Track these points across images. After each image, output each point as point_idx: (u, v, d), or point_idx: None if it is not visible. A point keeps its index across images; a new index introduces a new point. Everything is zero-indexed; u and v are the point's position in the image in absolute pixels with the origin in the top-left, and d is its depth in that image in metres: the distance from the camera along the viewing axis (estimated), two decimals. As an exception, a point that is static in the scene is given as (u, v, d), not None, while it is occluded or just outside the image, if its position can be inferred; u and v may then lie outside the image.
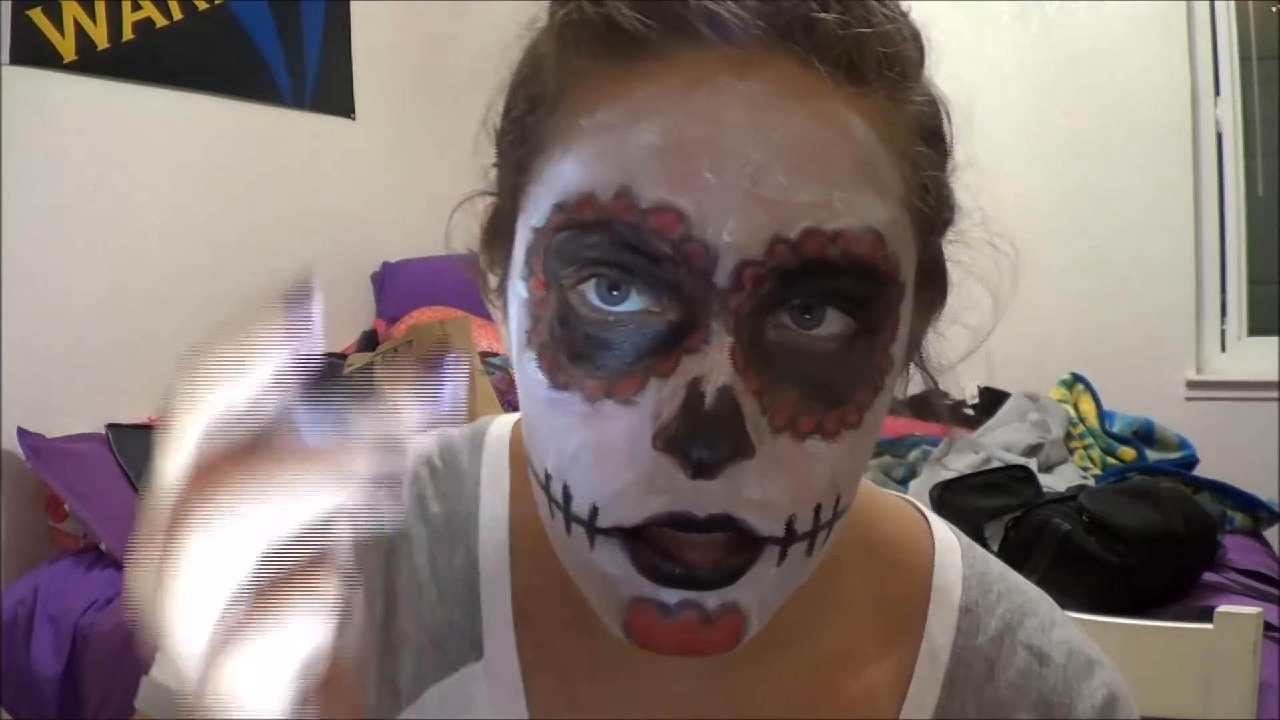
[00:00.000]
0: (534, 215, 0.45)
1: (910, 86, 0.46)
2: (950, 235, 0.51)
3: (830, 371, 0.43)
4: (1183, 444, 2.18)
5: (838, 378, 0.43)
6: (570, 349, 0.44)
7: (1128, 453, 2.17)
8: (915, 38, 0.49)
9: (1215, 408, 2.85)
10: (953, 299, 0.53)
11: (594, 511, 0.44)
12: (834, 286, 0.42)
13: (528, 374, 0.45)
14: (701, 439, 0.40)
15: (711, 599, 0.43)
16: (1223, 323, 2.97)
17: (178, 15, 2.63)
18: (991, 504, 1.72)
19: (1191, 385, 2.93)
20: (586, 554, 0.45)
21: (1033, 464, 2.00)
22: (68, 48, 2.35)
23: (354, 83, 3.26)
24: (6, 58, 2.19)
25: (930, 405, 0.58)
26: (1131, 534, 1.54)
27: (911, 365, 0.53)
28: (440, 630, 0.55)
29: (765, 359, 0.42)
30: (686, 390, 0.41)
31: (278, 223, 2.85)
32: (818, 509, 0.44)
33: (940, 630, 0.56)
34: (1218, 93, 2.93)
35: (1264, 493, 1.98)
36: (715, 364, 0.41)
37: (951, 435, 1.63)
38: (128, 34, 2.50)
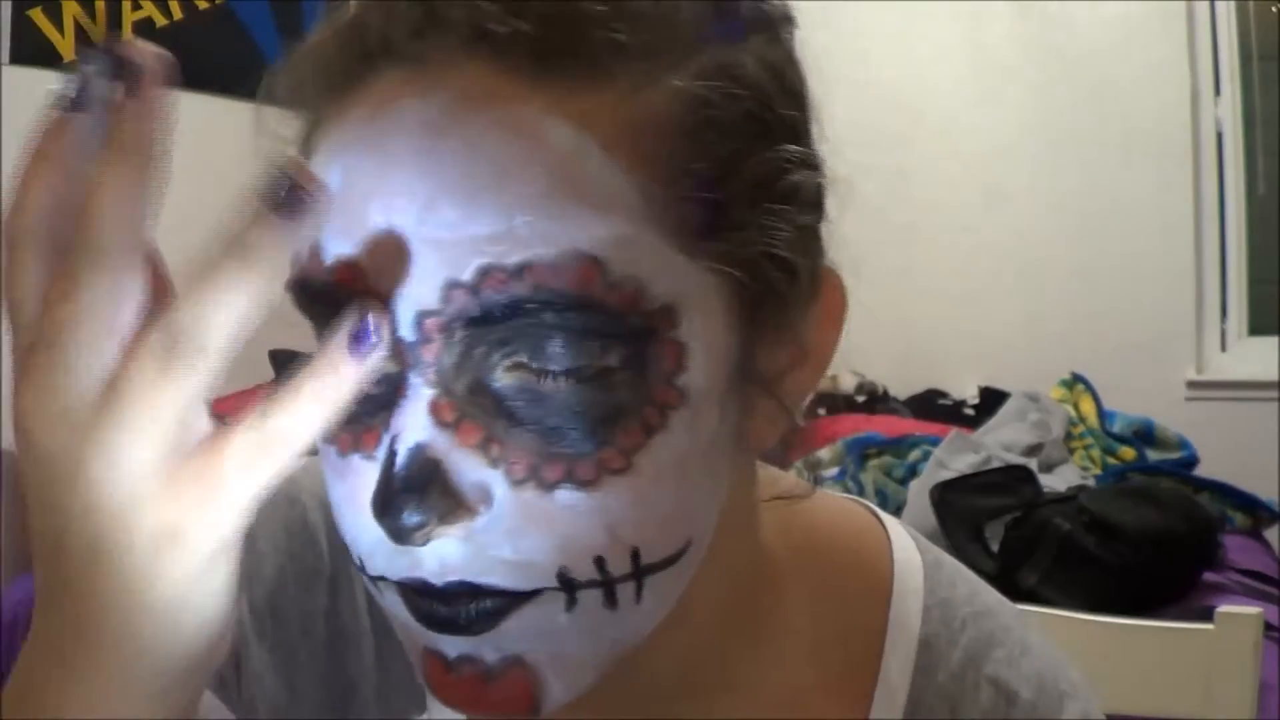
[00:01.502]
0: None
1: (670, 66, 0.39)
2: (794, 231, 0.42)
3: (575, 413, 0.37)
4: (1183, 444, 2.18)
5: (588, 419, 0.38)
6: None
7: (1128, 453, 2.17)
8: (696, 16, 0.40)
9: (1215, 408, 2.85)
10: None
11: (361, 562, 0.41)
12: (540, 323, 0.37)
13: None
14: (391, 503, 0.37)
15: (489, 652, 0.40)
16: (1223, 323, 2.97)
17: (178, 15, 2.63)
18: (991, 504, 1.72)
19: (1191, 385, 2.92)
20: (382, 601, 0.42)
21: (1033, 464, 1.99)
22: (67, 47, 2.35)
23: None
24: (6, 58, 2.19)
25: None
26: (1131, 534, 1.54)
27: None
28: (384, 681, 0.53)
29: (494, 406, 0.38)
30: (384, 454, 0.38)
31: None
32: (599, 561, 0.39)
33: (897, 668, 0.51)
34: (1218, 93, 2.93)
35: (1264, 493, 1.98)
36: (408, 421, 0.38)
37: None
38: (127, 34, 2.50)
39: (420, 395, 0.38)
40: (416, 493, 0.37)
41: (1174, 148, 2.92)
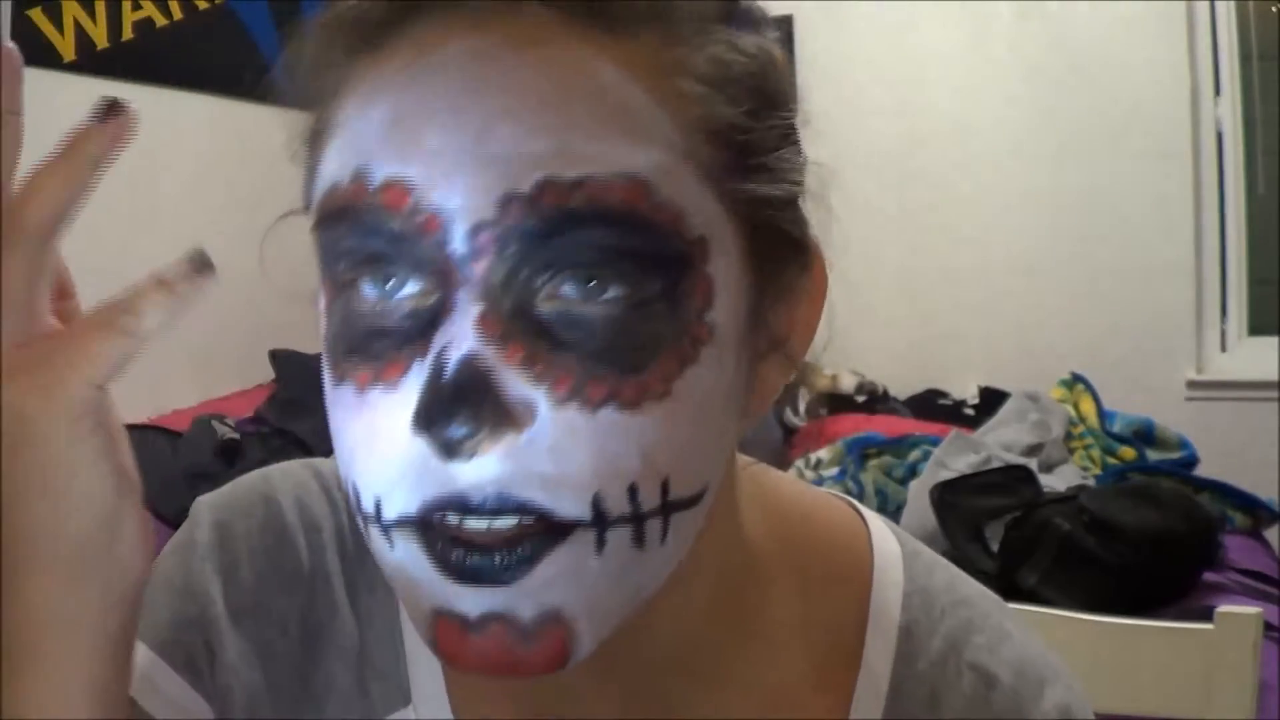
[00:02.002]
0: (311, 220, 0.44)
1: (695, 31, 0.42)
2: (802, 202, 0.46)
3: (618, 337, 0.39)
4: (1183, 444, 2.18)
5: (630, 342, 0.39)
6: (348, 342, 0.42)
7: (1128, 453, 2.17)
8: None
9: (1215, 408, 2.86)
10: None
11: (378, 505, 0.41)
12: (592, 241, 0.38)
13: (325, 381, 0.43)
14: (442, 413, 0.37)
15: (523, 605, 0.39)
16: (1223, 323, 2.98)
17: (178, 15, 2.63)
18: (991, 504, 1.72)
19: (1191, 385, 2.93)
20: (389, 559, 0.41)
21: (1033, 464, 2.00)
22: (68, 47, 2.35)
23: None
24: (6, 58, 2.19)
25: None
26: (1131, 534, 1.54)
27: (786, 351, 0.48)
28: (367, 675, 0.53)
29: (536, 329, 0.39)
30: (431, 365, 0.38)
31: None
32: (633, 489, 0.40)
33: (879, 657, 0.52)
34: (1218, 93, 2.93)
35: (1264, 493, 1.98)
36: (458, 332, 0.38)
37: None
38: (128, 34, 2.51)
39: (468, 310, 0.39)
40: (468, 402, 0.37)
41: (1174, 148, 2.92)
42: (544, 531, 0.39)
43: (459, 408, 0.37)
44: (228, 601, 0.53)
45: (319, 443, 2.18)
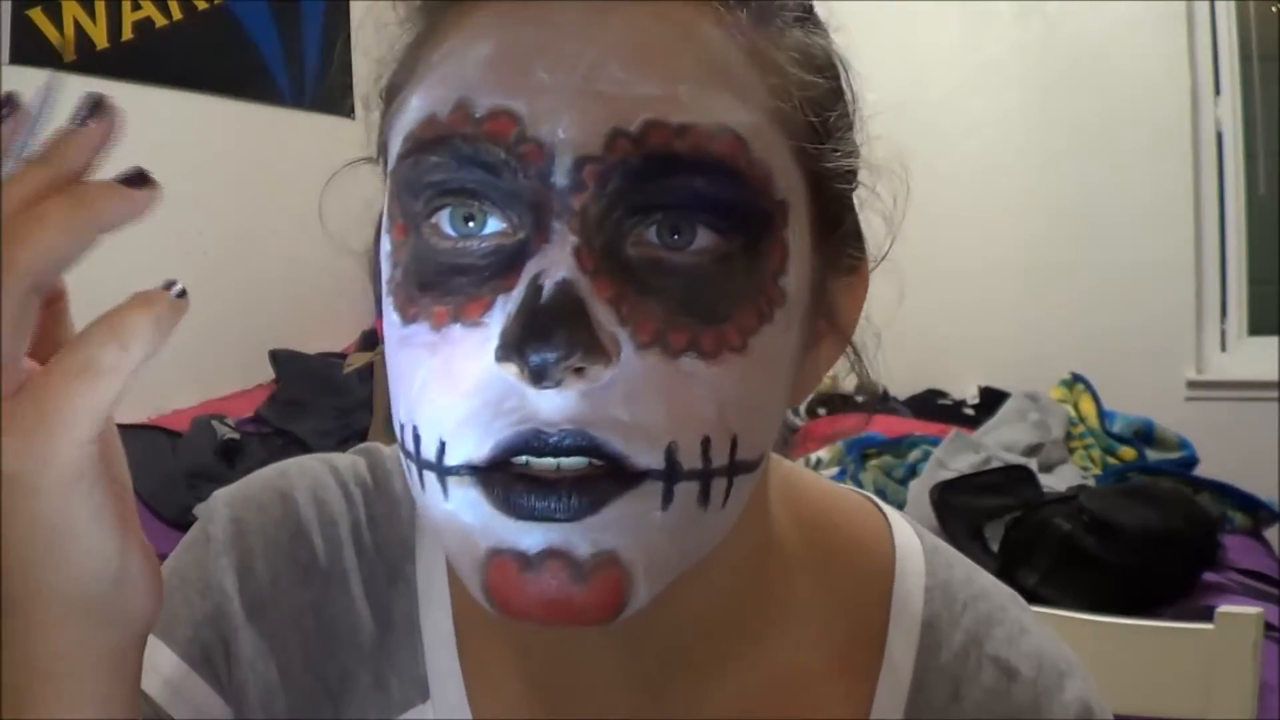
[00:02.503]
0: (391, 159, 0.44)
1: (785, 15, 0.45)
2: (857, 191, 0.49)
3: (702, 287, 0.40)
4: (1183, 444, 2.18)
5: (712, 294, 0.40)
6: (421, 280, 0.41)
7: (1128, 453, 2.17)
8: None
9: (1215, 408, 2.85)
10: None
11: (441, 449, 0.40)
12: (690, 187, 0.39)
13: (387, 323, 0.43)
14: (535, 334, 0.37)
15: (581, 543, 0.38)
16: (1223, 323, 2.98)
17: (177, 15, 2.63)
18: (991, 504, 1.72)
19: (1191, 385, 2.93)
20: (442, 507, 0.40)
21: (1033, 464, 2.00)
22: (67, 47, 2.35)
23: (354, 83, 3.26)
24: (6, 58, 2.19)
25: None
26: (1131, 534, 1.54)
27: (847, 340, 0.50)
28: (385, 669, 0.53)
29: (624, 270, 0.39)
30: (525, 290, 0.38)
31: (277, 222, 2.85)
32: (705, 443, 0.40)
33: (901, 648, 0.52)
34: (1218, 93, 2.93)
35: (1264, 493, 1.98)
36: (554, 260, 0.38)
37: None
38: (127, 34, 2.50)
39: (565, 240, 0.39)
40: (565, 323, 0.37)
41: (1174, 148, 2.92)
42: (612, 476, 0.39)
43: (556, 327, 0.37)
44: (244, 597, 0.53)
45: (319, 443, 2.18)
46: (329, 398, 2.46)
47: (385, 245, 0.44)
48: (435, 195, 0.41)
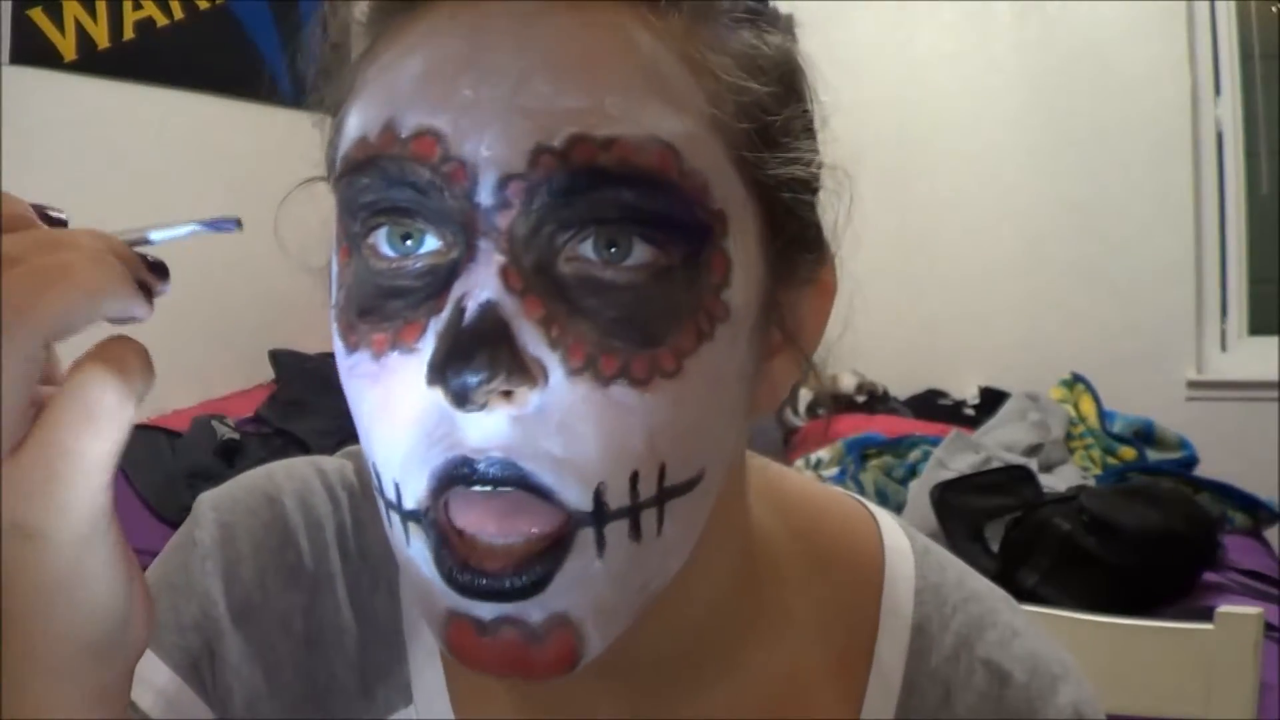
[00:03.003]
0: (332, 178, 0.43)
1: (727, 17, 0.43)
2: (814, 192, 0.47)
3: (637, 307, 0.39)
4: (1183, 444, 2.18)
5: (647, 314, 0.39)
6: (360, 305, 0.41)
7: (1128, 453, 2.17)
8: None
9: (1215, 408, 2.85)
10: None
11: (398, 491, 0.40)
12: (619, 201, 0.38)
13: (336, 351, 0.42)
14: (457, 356, 0.36)
15: (533, 611, 0.39)
16: (1223, 322, 2.98)
17: (179, 15, 2.63)
18: (991, 504, 1.72)
19: (1192, 385, 2.93)
20: (406, 551, 0.41)
21: (1033, 464, 2.00)
22: (68, 47, 2.35)
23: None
24: (6, 58, 2.19)
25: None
26: (1132, 534, 1.54)
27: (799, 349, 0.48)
28: (370, 674, 0.53)
29: (555, 289, 0.38)
30: (450, 312, 0.38)
31: (278, 222, 2.84)
32: (634, 478, 0.39)
33: (891, 653, 0.52)
34: (1218, 93, 2.93)
35: (1264, 493, 1.98)
36: (479, 280, 0.38)
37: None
38: (128, 33, 2.50)
39: (491, 260, 0.38)
40: (487, 344, 0.37)
41: (1174, 148, 2.92)
42: (550, 549, 0.39)
43: (478, 349, 0.37)
44: (229, 601, 0.53)
45: (319, 443, 2.18)
46: (329, 398, 2.45)
47: (334, 267, 0.43)
48: (370, 215, 0.40)
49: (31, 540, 0.34)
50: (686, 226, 0.40)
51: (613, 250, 0.39)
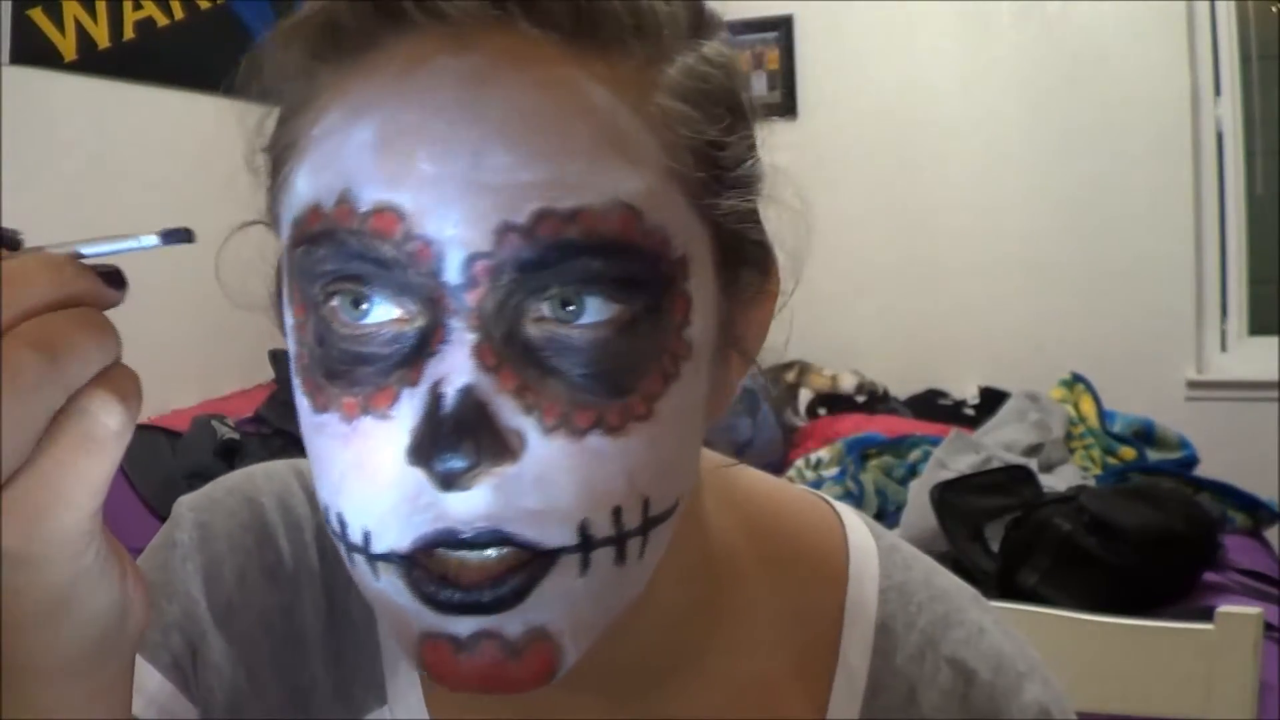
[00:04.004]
0: (283, 236, 0.43)
1: (670, 45, 0.42)
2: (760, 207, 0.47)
3: (604, 361, 0.39)
4: (1183, 444, 2.18)
5: (614, 366, 0.39)
6: (327, 368, 0.40)
7: (1128, 453, 2.17)
8: (685, 7, 0.44)
9: (1215, 408, 2.86)
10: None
11: (367, 537, 0.40)
12: (587, 270, 0.38)
13: (299, 404, 0.42)
14: (443, 446, 0.37)
15: (512, 624, 0.40)
16: (1223, 323, 2.98)
17: (179, 15, 2.63)
18: (991, 504, 1.72)
19: (1192, 385, 2.93)
20: (374, 586, 0.41)
21: (1033, 464, 2.00)
22: (68, 47, 2.35)
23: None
24: (6, 58, 2.19)
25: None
26: (1132, 534, 1.54)
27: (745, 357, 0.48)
28: (347, 675, 0.53)
29: (525, 355, 0.39)
30: (428, 396, 0.38)
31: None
32: (617, 511, 0.40)
33: (856, 651, 0.52)
34: (1218, 93, 2.93)
35: (1264, 493, 1.98)
36: (455, 365, 0.38)
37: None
38: (129, 33, 2.51)
39: (464, 340, 0.38)
40: (469, 434, 0.37)
41: (1174, 148, 2.92)
42: (530, 563, 0.39)
43: (461, 440, 0.37)
44: (211, 601, 0.53)
45: (319, 442, 2.18)
46: (329, 398, 2.45)
47: (288, 318, 0.43)
48: (329, 283, 0.40)
49: (24, 564, 0.33)
50: (648, 281, 0.40)
51: (570, 309, 0.39)
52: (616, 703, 0.51)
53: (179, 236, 0.38)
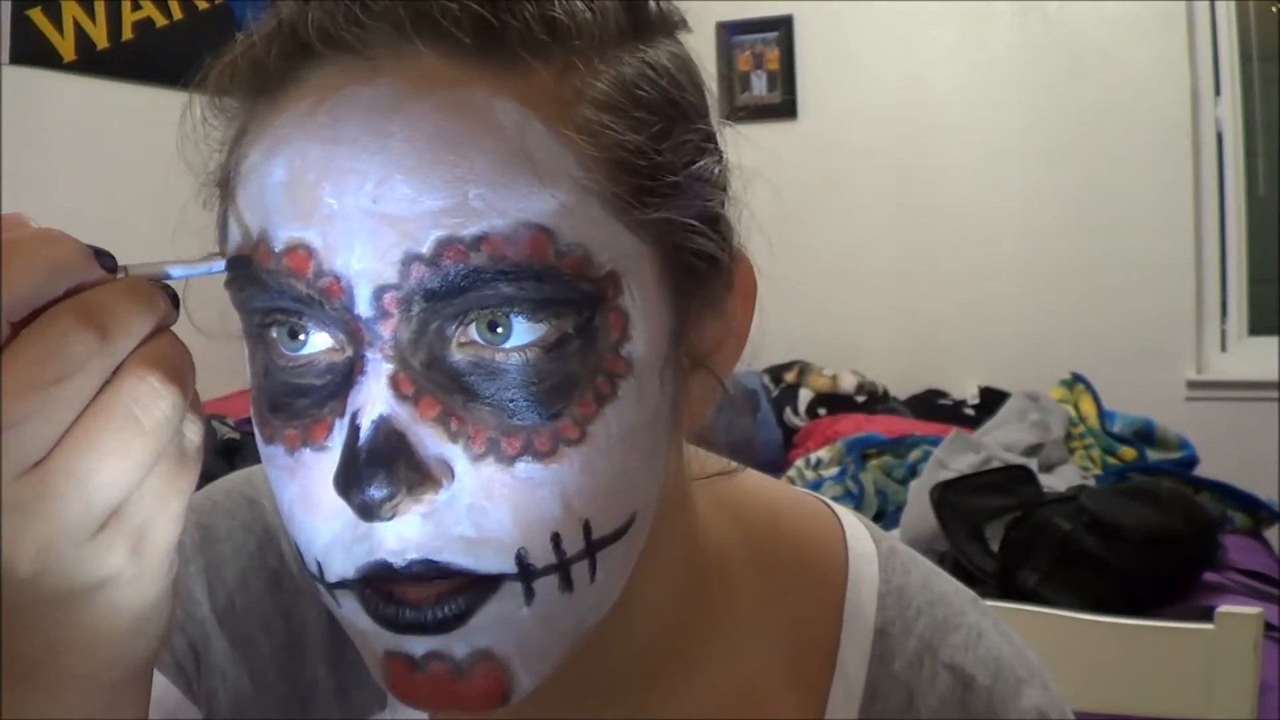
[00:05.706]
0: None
1: (596, 52, 0.41)
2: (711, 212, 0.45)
3: (532, 385, 0.38)
4: (1183, 444, 2.18)
5: (542, 390, 0.39)
6: (270, 400, 0.41)
7: (1128, 453, 2.17)
8: (615, 8, 0.43)
9: (1215, 408, 2.86)
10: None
11: (319, 567, 0.41)
12: (498, 294, 0.38)
13: (256, 433, 0.43)
14: (357, 478, 0.37)
15: (459, 646, 0.40)
16: (1223, 323, 2.98)
17: (178, 15, 2.63)
18: (991, 504, 1.72)
19: (1192, 385, 2.93)
20: (338, 611, 0.42)
21: (1033, 464, 2.00)
22: (67, 47, 2.35)
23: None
24: (6, 58, 2.19)
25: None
26: (1132, 534, 1.54)
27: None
28: (348, 678, 0.53)
29: (450, 381, 0.38)
30: (346, 430, 0.38)
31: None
32: (555, 538, 0.39)
33: (853, 658, 0.52)
34: (1218, 93, 2.93)
35: (1264, 493, 1.98)
36: (370, 395, 0.38)
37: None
38: (127, 34, 2.51)
39: (379, 370, 0.38)
40: (383, 464, 0.37)
41: (1174, 148, 2.92)
42: (473, 586, 0.39)
43: (374, 470, 0.37)
44: (213, 603, 0.53)
45: (319, 443, 2.18)
46: (329, 398, 2.45)
47: (245, 349, 0.43)
48: (262, 317, 0.41)
49: (118, 586, 0.35)
50: (570, 301, 0.39)
51: (497, 331, 0.38)
52: (608, 709, 0.50)
53: (239, 265, 0.39)
